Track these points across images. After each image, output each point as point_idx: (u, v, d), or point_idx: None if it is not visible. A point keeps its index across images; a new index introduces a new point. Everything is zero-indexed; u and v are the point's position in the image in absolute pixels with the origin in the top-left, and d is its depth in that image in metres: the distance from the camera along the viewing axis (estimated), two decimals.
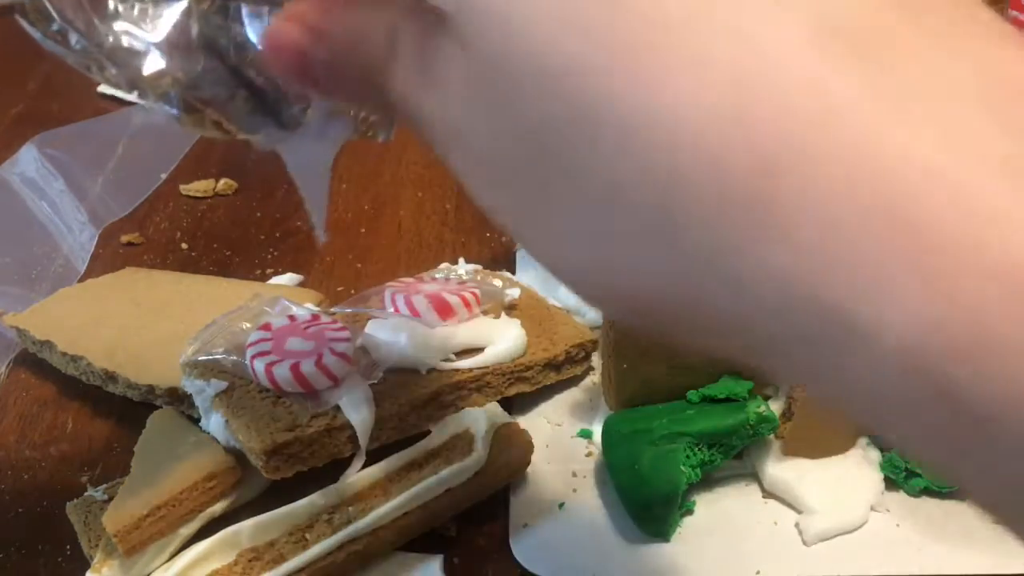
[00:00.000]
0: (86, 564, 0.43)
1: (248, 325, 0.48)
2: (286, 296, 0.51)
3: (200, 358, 0.47)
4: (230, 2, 0.29)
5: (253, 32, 0.29)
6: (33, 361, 0.57)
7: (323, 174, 0.32)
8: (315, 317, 0.49)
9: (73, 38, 0.28)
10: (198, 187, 0.73)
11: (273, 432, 0.43)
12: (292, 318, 0.48)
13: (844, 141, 0.16)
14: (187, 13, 0.28)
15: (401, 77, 0.23)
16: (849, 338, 0.17)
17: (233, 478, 0.45)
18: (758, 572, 0.44)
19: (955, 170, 0.16)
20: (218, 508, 0.44)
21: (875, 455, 0.48)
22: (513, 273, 0.61)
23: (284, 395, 0.45)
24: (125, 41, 0.28)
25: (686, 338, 0.20)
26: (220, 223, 0.70)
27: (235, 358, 0.46)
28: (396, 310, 0.50)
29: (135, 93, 0.29)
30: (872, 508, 0.47)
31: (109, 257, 0.67)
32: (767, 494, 0.48)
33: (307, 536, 0.43)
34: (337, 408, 0.44)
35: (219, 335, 0.48)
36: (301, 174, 0.33)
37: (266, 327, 0.47)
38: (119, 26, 0.28)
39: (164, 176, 0.75)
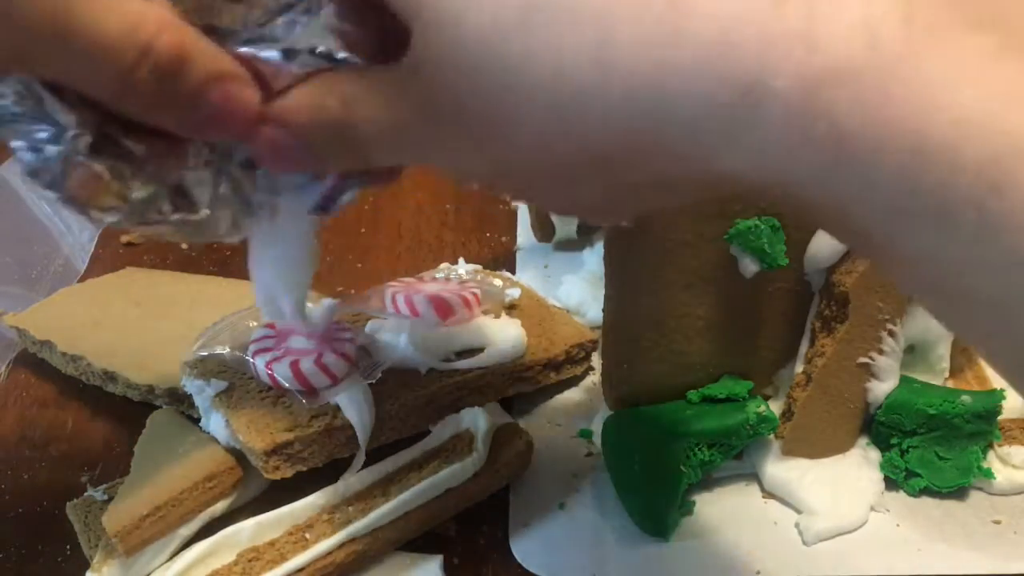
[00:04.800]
0: (86, 564, 0.43)
1: (255, 324, 0.48)
2: None
3: (203, 354, 0.47)
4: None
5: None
6: (33, 361, 0.57)
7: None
8: None
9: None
10: None
11: (273, 432, 0.43)
12: None
13: None
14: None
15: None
16: (752, 103, 0.21)
17: (233, 478, 0.45)
18: (758, 572, 0.44)
19: None
20: (218, 508, 0.44)
21: (875, 455, 0.48)
22: (513, 273, 0.61)
23: (283, 393, 0.45)
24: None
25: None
26: None
27: (238, 354, 0.46)
28: (396, 310, 0.50)
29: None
30: (872, 508, 0.47)
31: (109, 257, 0.67)
32: (767, 494, 0.48)
33: (307, 536, 0.43)
34: (337, 407, 0.44)
35: (225, 331, 0.48)
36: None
37: (270, 325, 0.48)
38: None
39: None
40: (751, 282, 0.46)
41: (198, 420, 0.48)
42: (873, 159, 0.20)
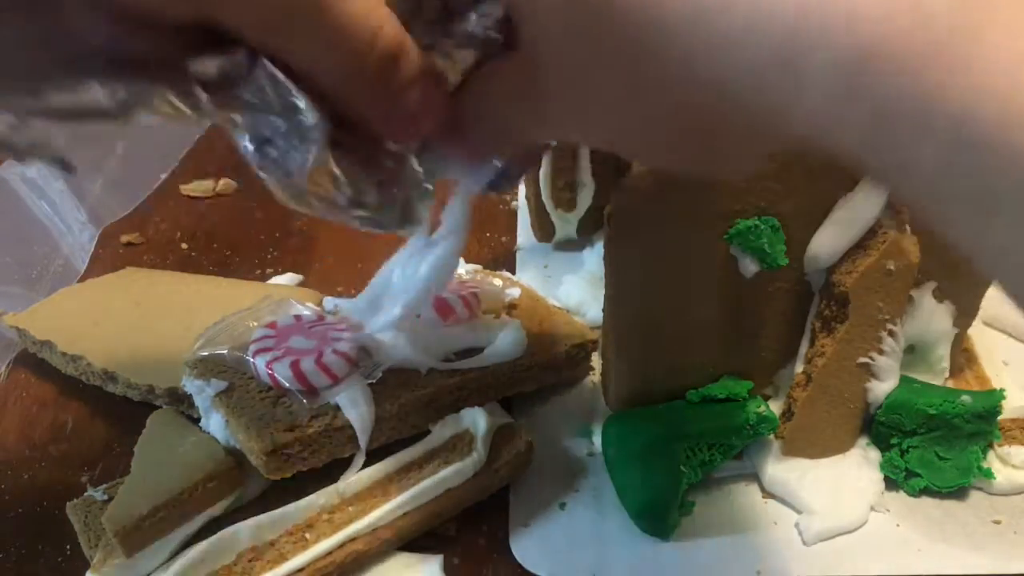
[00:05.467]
0: (86, 564, 0.43)
1: (255, 324, 0.48)
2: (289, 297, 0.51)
3: (204, 354, 0.47)
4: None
5: None
6: (33, 361, 0.57)
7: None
8: (320, 317, 0.49)
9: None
10: (198, 187, 0.73)
11: (273, 432, 0.43)
12: (298, 318, 0.49)
13: None
14: None
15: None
16: (793, 74, 0.21)
17: (233, 478, 0.45)
18: (758, 572, 0.44)
19: None
20: (218, 508, 0.44)
21: (875, 455, 0.48)
22: (513, 273, 0.61)
23: (283, 393, 0.45)
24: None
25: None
26: (220, 223, 0.70)
27: (238, 354, 0.46)
28: None
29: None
30: (872, 508, 0.47)
31: (109, 257, 0.67)
32: (767, 494, 0.48)
33: (307, 536, 0.43)
34: (337, 407, 0.44)
35: (225, 332, 0.48)
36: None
37: (271, 325, 0.48)
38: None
39: (164, 176, 0.75)
40: (751, 282, 0.46)
41: (198, 420, 0.48)
42: (912, 143, 0.19)
